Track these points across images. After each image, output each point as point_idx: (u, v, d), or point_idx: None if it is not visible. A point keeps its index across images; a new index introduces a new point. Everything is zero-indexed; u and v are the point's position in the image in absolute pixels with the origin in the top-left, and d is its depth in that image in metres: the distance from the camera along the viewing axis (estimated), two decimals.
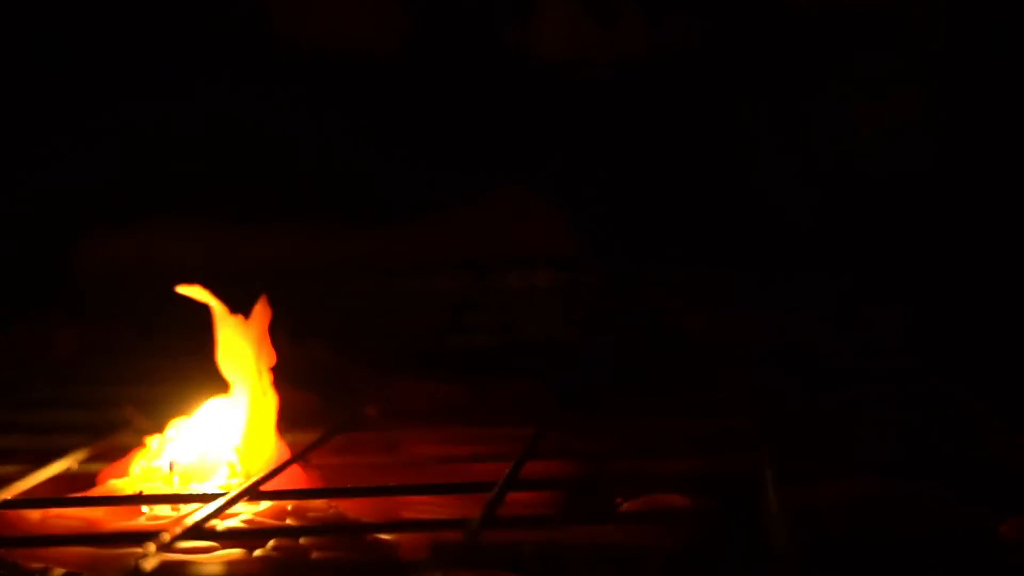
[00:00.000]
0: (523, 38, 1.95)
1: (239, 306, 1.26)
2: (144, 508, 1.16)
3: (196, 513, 1.07)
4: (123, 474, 1.23)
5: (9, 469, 1.27)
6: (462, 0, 1.96)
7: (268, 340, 1.26)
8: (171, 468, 1.21)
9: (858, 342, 1.80)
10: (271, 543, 1.03)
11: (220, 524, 1.07)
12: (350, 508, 1.15)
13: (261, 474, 1.19)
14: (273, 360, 1.26)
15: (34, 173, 1.94)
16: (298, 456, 1.27)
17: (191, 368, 1.29)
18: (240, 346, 1.25)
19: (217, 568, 1.00)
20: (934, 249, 1.87)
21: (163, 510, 1.15)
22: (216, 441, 1.24)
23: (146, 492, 1.19)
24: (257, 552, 1.03)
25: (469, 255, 1.97)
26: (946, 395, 1.47)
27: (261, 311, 1.26)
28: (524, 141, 1.96)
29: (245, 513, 1.11)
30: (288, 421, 1.28)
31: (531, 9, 1.94)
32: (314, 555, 1.03)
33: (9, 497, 1.18)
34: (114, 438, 1.39)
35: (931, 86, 1.88)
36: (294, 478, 1.22)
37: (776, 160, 1.94)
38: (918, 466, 1.23)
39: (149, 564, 0.95)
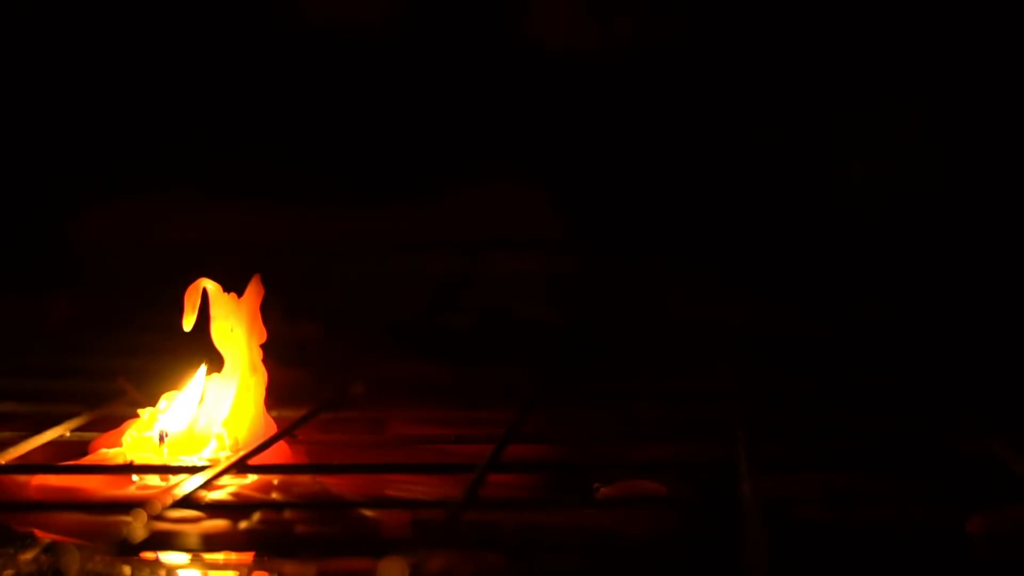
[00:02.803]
0: (519, 21, 1.95)
1: (232, 283, 1.27)
2: (134, 477, 1.17)
3: (184, 484, 1.08)
4: (115, 444, 1.24)
5: (2, 435, 1.29)
6: None
7: (260, 318, 1.27)
8: (162, 439, 1.22)
9: (842, 332, 1.81)
10: (256, 516, 1.04)
11: (208, 496, 1.09)
12: (334, 484, 1.16)
13: (249, 448, 1.21)
14: (264, 337, 1.27)
15: (32, 144, 1.94)
16: (285, 432, 1.28)
17: (185, 343, 1.29)
18: (233, 323, 1.26)
19: (204, 539, 1.01)
20: (922, 243, 1.88)
21: (153, 480, 1.16)
22: (206, 415, 1.25)
23: (137, 462, 1.20)
24: (243, 524, 1.04)
25: (458, 236, 1.97)
26: (928, 389, 1.48)
27: (254, 289, 1.28)
28: (515, 124, 1.96)
29: (232, 486, 1.13)
30: (276, 397, 1.30)
31: None
32: (298, 529, 1.04)
33: (2, 462, 1.19)
34: (107, 408, 1.40)
35: (926, 98, 1.88)
36: (281, 453, 1.24)
37: (766, 151, 1.94)
38: (893, 460, 1.25)
39: (137, 533, 0.97)
